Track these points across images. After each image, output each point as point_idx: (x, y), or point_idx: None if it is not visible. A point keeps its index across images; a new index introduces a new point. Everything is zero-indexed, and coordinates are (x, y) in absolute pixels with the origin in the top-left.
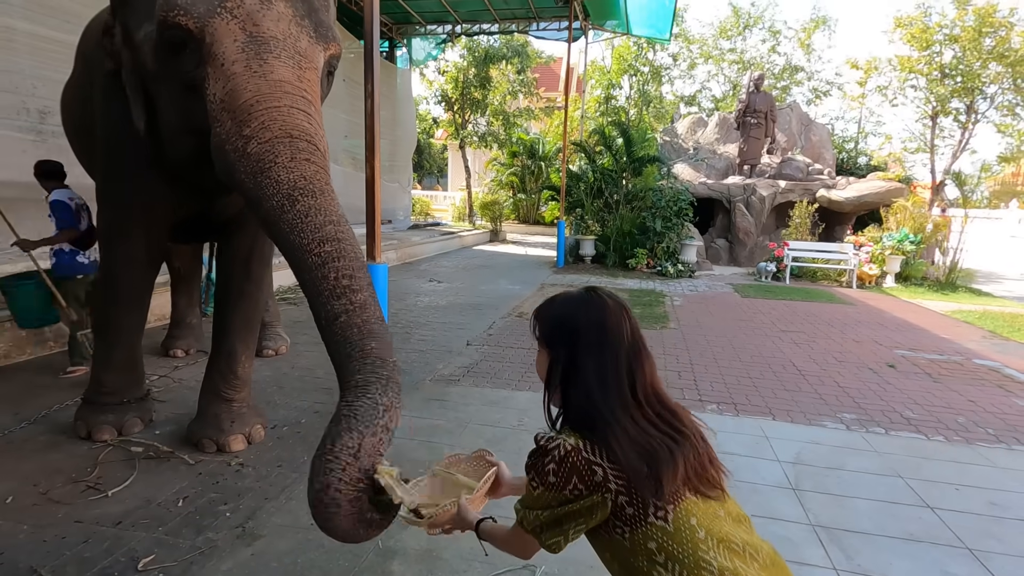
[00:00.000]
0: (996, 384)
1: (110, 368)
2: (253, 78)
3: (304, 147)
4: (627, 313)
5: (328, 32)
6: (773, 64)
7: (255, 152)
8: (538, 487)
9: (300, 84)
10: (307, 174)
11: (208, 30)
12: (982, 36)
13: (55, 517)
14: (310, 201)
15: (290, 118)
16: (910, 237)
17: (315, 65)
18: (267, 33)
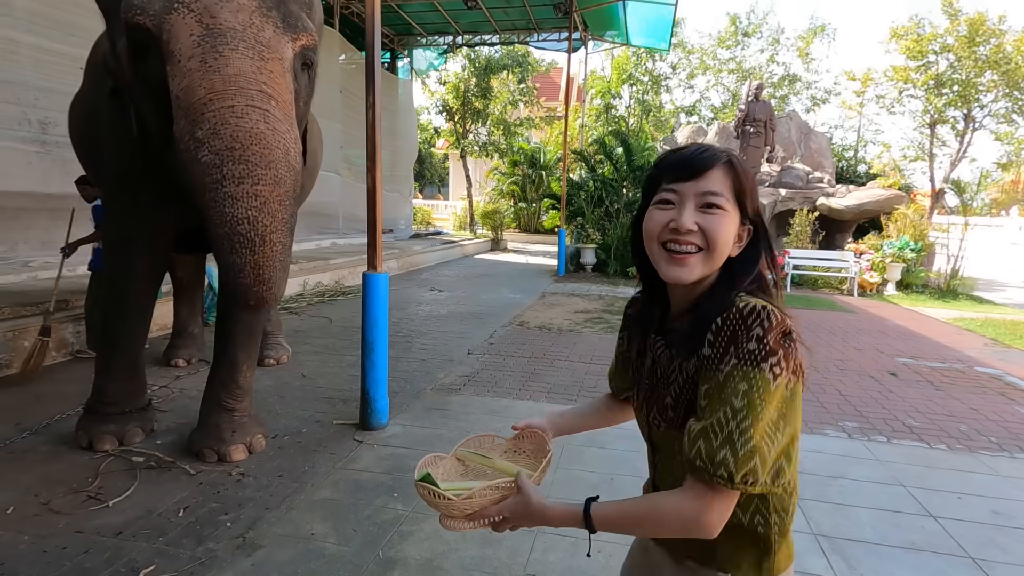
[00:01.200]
0: (998, 392)
1: (112, 378)
2: (208, 73)
3: (255, 163)
4: None
5: (297, 22)
6: (772, 74)
7: (206, 162)
8: (782, 372)
9: (259, 76)
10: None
11: (165, 27)
12: (975, 45)
13: (56, 527)
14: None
15: (243, 120)
16: (911, 245)
17: (279, 56)
18: (224, 25)
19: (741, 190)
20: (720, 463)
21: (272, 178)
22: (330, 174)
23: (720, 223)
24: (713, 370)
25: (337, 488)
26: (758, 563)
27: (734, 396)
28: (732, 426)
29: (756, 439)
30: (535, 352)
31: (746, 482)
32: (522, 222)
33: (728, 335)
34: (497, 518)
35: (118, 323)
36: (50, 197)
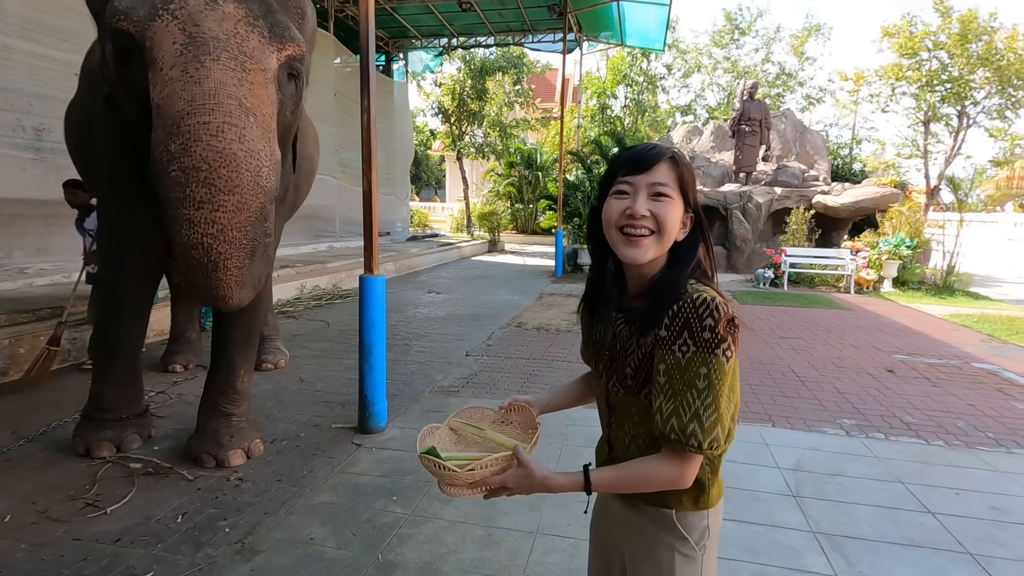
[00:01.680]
0: (995, 388)
1: (109, 384)
2: (188, 84)
3: (218, 188)
4: None
5: (284, 32)
6: (767, 72)
7: (173, 177)
8: (732, 355)
9: (239, 88)
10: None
11: (148, 33)
12: (967, 42)
13: (53, 535)
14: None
15: (216, 140)
16: (906, 242)
17: (263, 67)
18: (208, 34)
19: (684, 182)
20: (691, 435)
21: (234, 205)
22: (326, 177)
23: (668, 208)
24: (669, 350)
25: (336, 492)
26: (695, 499)
27: (696, 379)
28: (698, 404)
29: (717, 412)
30: (533, 353)
31: (712, 447)
32: (519, 223)
33: (682, 321)
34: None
35: (114, 329)
36: (45, 204)
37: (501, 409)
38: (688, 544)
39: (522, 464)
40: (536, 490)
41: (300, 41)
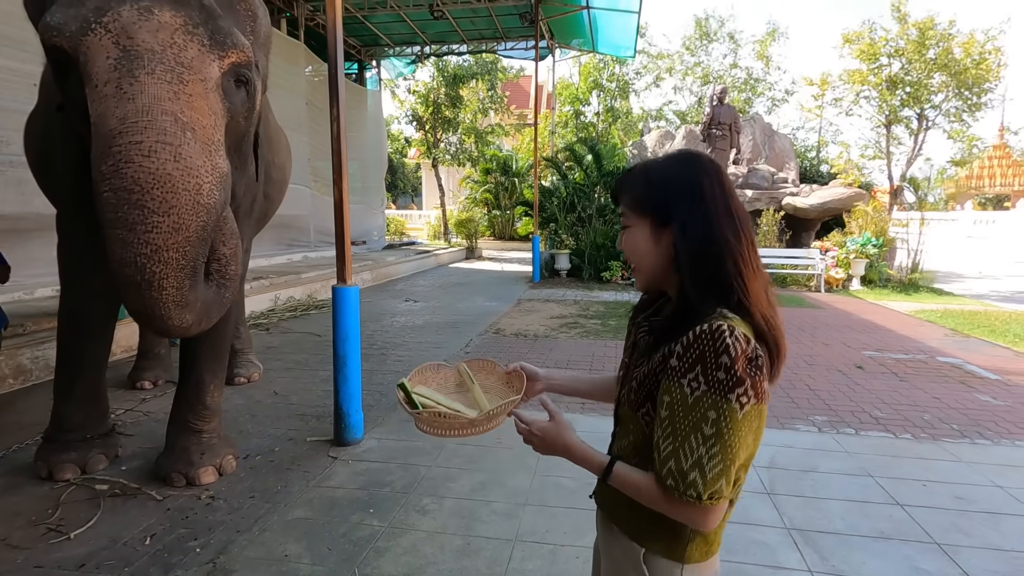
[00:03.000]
0: (959, 380)
1: (72, 403)
2: (122, 101)
3: (151, 209)
4: None
5: (227, 39)
6: (735, 77)
7: (106, 200)
8: (749, 401)
9: (175, 102)
10: (139, 259)
11: (81, 49)
12: (925, 48)
13: (14, 563)
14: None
15: (148, 160)
16: (872, 241)
17: (203, 76)
18: (142, 46)
19: (641, 197)
20: (691, 484)
21: (170, 225)
22: (299, 187)
23: (626, 241)
24: (677, 383)
25: (311, 506)
26: (668, 546)
27: (704, 423)
28: (702, 451)
29: (724, 464)
30: (511, 359)
31: (712, 498)
32: (496, 230)
33: (696, 354)
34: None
35: (76, 347)
36: (4, 218)
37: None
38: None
39: (555, 420)
40: (559, 451)
41: (245, 47)
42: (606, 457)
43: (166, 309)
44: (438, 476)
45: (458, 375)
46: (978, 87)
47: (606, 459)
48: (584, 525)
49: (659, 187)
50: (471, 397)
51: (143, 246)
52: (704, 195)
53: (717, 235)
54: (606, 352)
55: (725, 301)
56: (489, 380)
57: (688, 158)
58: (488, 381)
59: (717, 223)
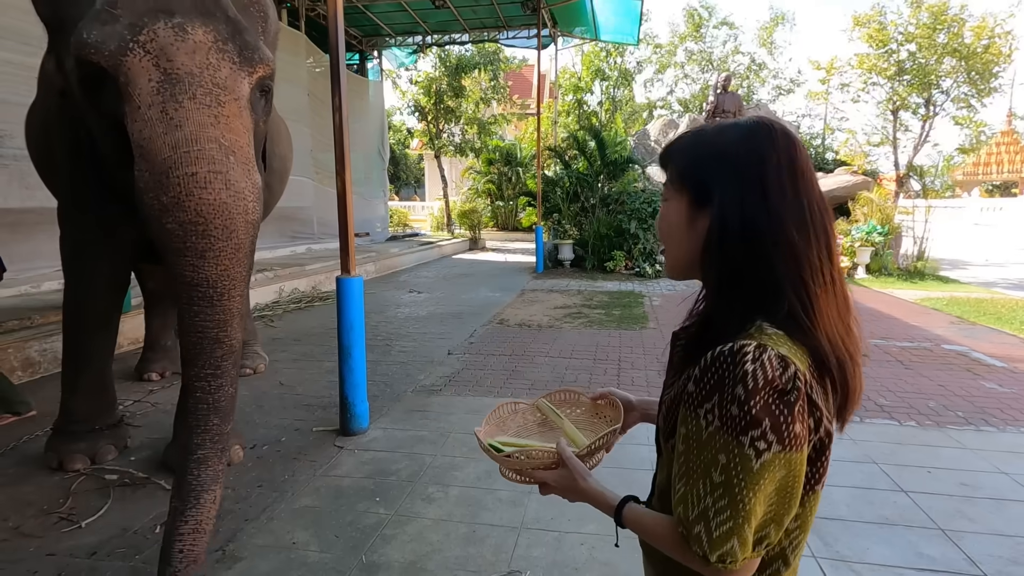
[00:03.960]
0: (964, 368)
1: (80, 395)
2: (170, 128)
3: (216, 236)
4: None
5: (254, 54)
6: (738, 64)
7: (170, 230)
8: (768, 449)
9: (217, 127)
10: (211, 277)
11: (122, 69)
12: (936, 32)
13: (27, 551)
14: (204, 306)
15: (206, 192)
16: (878, 229)
17: (237, 96)
18: (182, 69)
19: (683, 168)
20: (695, 539)
21: (232, 247)
22: (302, 179)
23: (660, 216)
24: (694, 412)
25: (318, 495)
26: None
27: (713, 467)
28: (708, 502)
29: (734, 522)
30: (515, 350)
31: (723, 561)
32: (499, 220)
33: (715, 380)
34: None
35: (83, 339)
36: (8, 212)
37: (595, 400)
38: None
39: (566, 465)
40: (577, 497)
41: (270, 60)
42: (617, 498)
43: (232, 318)
44: (443, 465)
45: (538, 412)
46: (987, 72)
47: (616, 500)
48: (588, 513)
49: (706, 158)
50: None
51: (213, 268)
52: (764, 173)
53: (774, 226)
54: (610, 342)
55: (770, 312)
56: (576, 412)
57: (754, 127)
58: (575, 414)
59: (775, 211)
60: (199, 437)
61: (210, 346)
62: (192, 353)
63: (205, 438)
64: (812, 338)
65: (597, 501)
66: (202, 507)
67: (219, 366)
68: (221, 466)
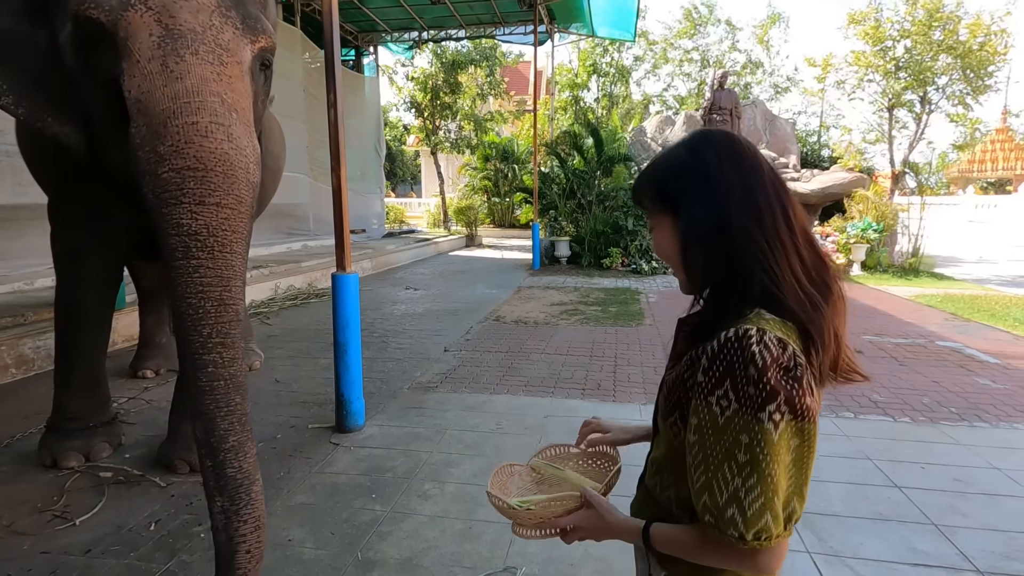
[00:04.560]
0: (958, 364)
1: (73, 392)
2: (170, 79)
3: (217, 185)
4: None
5: (257, 24)
6: (734, 62)
7: (165, 179)
8: (783, 419)
9: (220, 83)
10: (211, 224)
11: (121, 24)
12: (932, 29)
13: (20, 549)
14: (204, 257)
15: (207, 140)
16: (873, 226)
17: (239, 59)
18: (184, 26)
19: (653, 193)
20: (729, 522)
21: (234, 199)
22: (298, 175)
23: (655, 242)
24: (705, 401)
25: (314, 492)
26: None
27: (736, 449)
28: (738, 483)
29: (765, 497)
30: (512, 346)
31: (759, 538)
32: (496, 217)
33: (724, 367)
34: (568, 527)
35: (76, 336)
36: (1, 208)
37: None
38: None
39: (591, 505)
40: (605, 534)
41: (271, 32)
42: (641, 523)
43: (235, 273)
44: (439, 462)
45: (534, 472)
46: (982, 69)
47: (641, 525)
48: None
49: (664, 177)
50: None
51: (213, 215)
52: (709, 174)
53: (729, 220)
54: (606, 339)
55: (755, 297)
56: (570, 465)
57: (694, 140)
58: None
59: (729, 205)
60: (226, 421)
61: (215, 309)
62: (194, 320)
63: (233, 421)
64: (788, 309)
65: (624, 531)
66: (255, 501)
67: (228, 334)
68: (255, 450)
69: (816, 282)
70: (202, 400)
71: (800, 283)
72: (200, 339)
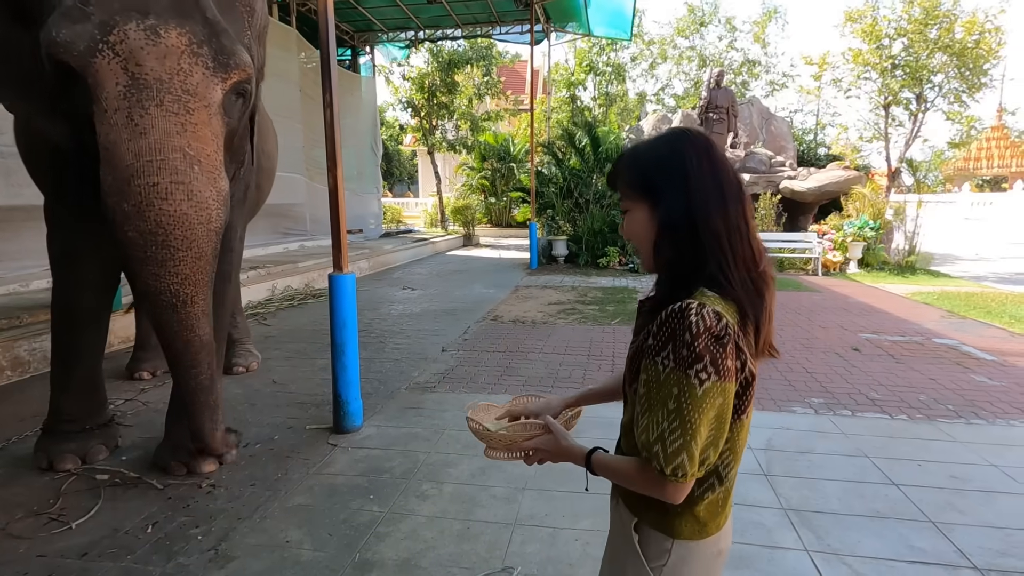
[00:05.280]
0: (954, 362)
1: (70, 394)
2: (134, 135)
3: (176, 247)
4: None
5: (230, 59)
6: (732, 60)
7: (131, 238)
8: (708, 377)
9: (184, 136)
10: (172, 286)
11: (90, 71)
12: (928, 27)
13: (16, 553)
14: (168, 315)
15: (166, 203)
16: (870, 224)
17: (207, 103)
18: (150, 75)
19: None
20: (654, 456)
21: (193, 256)
22: (294, 176)
23: (626, 225)
24: (652, 361)
25: (311, 493)
26: (660, 519)
27: (668, 399)
28: (664, 426)
29: (683, 439)
30: (509, 346)
31: (676, 474)
32: (493, 217)
33: (668, 333)
34: (531, 452)
35: (72, 338)
36: None
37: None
38: (639, 560)
39: (552, 431)
40: (561, 457)
41: (247, 65)
42: (586, 448)
43: (197, 320)
44: (437, 462)
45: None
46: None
47: (585, 450)
48: (583, 509)
49: (647, 168)
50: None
51: (173, 277)
52: (689, 172)
53: (699, 212)
54: (603, 338)
55: (704, 279)
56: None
57: (674, 136)
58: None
59: (701, 199)
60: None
61: (183, 347)
62: (169, 353)
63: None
64: (733, 292)
65: (574, 454)
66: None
67: (195, 361)
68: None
69: (760, 271)
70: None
71: (749, 271)
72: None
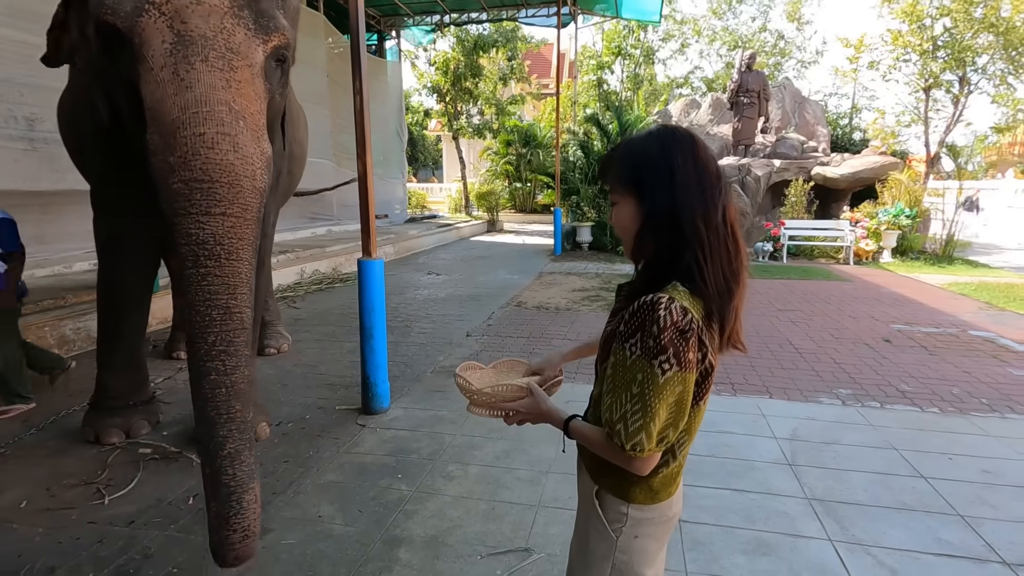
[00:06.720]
0: (991, 355)
1: (114, 372)
2: (180, 89)
3: (223, 196)
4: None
5: (270, 22)
6: (764, 42)
7: (176, 189)
8: (671, 368)
9: (229, 90)
10: (218, 234)
11: (136, 30)
12: (973, 6)
13: (68, 519)
14: (212, 266)
15: (213, 152)
16: (905, 211)
17: (250, 62)
18: (195, 32)
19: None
20: (616, 433)
21: (239, 209)
22: (322, 161)
23: (614, 216)
24: (622, 346)
25: (342, 471)
26: (617, 485)
27: (632, 383)
28: (628, 407)
29: (643, 421)
30: (533, 332)
31: (635, 450)
32: (517, 202)
33: (637, 322)
34: (511, 413)
35: (116, 318)
36: (39, 195)
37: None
38: (601, 522)
39: (533, 395)
40: (541, 419)
41: (286, 29)
42: (565, 414)
43: (241, 280)
44: (463, 444)
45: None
46: None
47: (565, 416)
48: None
49: (637, 164)
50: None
51: (219, 225)
52: (675, 170)
53: (682, 209)
54: None
55: (679, 273)
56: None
57: (662, 133)
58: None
59: (684, 197)
60: (224, 429)
61: (221, 317)
62: (200, 327)
63: (232, 429)
64: (704, 290)
65: (553, 418)
66: (246, 510)
67: (231, 342)
68: (252, 457)
69: (734, 271)
70: (204, 406)
71: (723, 271)
72: (205, 347)
